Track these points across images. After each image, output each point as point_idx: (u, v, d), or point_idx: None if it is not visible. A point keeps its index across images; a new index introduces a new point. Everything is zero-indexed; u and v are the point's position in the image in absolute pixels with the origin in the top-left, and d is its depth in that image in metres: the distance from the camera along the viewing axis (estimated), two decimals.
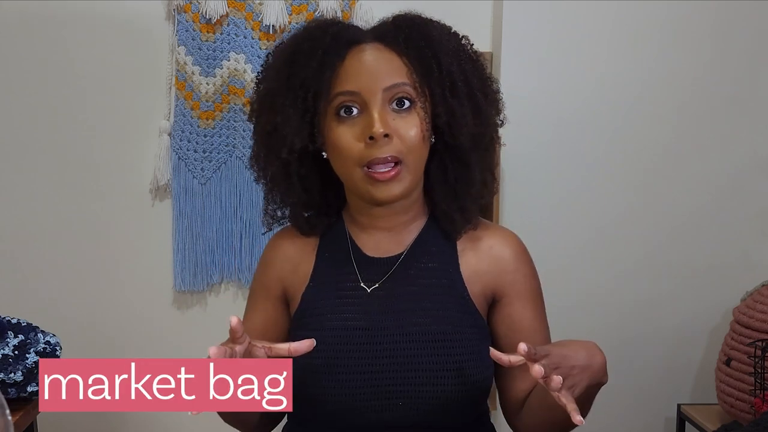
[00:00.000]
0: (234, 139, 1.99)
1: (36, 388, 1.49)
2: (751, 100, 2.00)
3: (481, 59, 1.22)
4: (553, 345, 1.02)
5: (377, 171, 1.10)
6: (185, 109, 1.97)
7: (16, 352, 1.48)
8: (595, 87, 1.97)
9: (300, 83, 1.13)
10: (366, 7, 1.95)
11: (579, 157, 1.99)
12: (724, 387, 1.76)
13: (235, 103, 1.97)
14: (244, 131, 1.97)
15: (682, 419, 1.93)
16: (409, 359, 1.12)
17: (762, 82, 2.00)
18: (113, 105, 1.98)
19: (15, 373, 1.45)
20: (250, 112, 1.23)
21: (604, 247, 2.02)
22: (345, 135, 1.12)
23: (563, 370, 0.96)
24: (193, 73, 1.95)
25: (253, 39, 1.96)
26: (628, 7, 1.95)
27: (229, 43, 1.95)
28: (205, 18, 1.94)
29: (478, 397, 1.16)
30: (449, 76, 1.13)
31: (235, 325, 0.96)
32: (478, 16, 1.99)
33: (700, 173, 2.01)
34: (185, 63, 1.95)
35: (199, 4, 1.93)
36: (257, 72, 1.24)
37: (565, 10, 1.94)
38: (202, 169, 1.99)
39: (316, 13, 1.95)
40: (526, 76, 1.95)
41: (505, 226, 1.33)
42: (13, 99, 1.97)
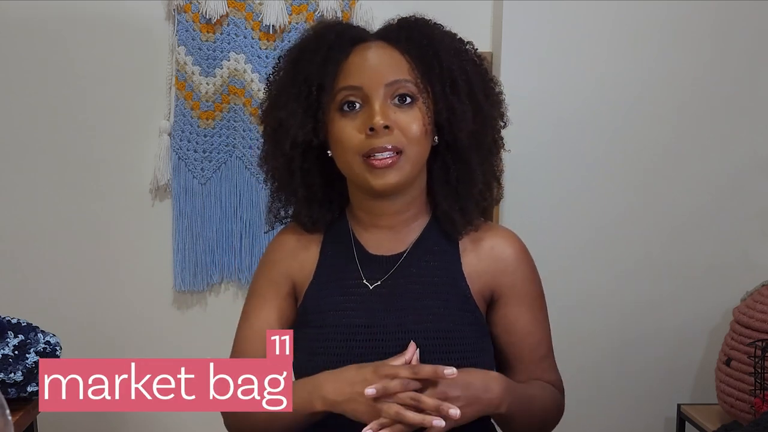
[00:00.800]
0: (234, 139, 1.99)
1: (36, 388, 1.49)
2: (751, 100, 2.00)
3: (484, 63, 1.24)
4: (460, 371, 1.06)
5: (376, 158, 1.12)
6: (185, 109, 1.97)
7: (16, 352, 1.48)
8: (595, 87, 1.97)
9: (304, 78, 1.17)
10: (366, 7, 1.95)
11: (579, 157, 1.99)
12: (724, 387, 1.76)
13: (235, 103, 1.97)
14: (244, 131, 1.97)
15: (682, 419, 1.93)
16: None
17: (762, 82, 2.00)
18: (113, 105, 1.98)
19: (15, 373, 1.45)
20: (260, 115, 1.27)
21: (604, 247, 2.02)
22: (347, 127, 1.14)
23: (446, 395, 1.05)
24: (193, 73, 1.95)
25: (253, 39, 1.96)
26: (628, 7, 1.95)
27: (229, 43, 1.95)
28: (205, 18, 1.94)
29: None
30: (450, 73, 1.16)
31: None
32: (478, 16, 1.99)
33: (700, 173, 2.01)
34: (185, 63, 1.95)
35: (199, 4, 1.93)
36: (264, 78, 1.27)
37: (565, 10, 1.94)
38: (202, 169, 1.99)
39: (316, 13, 1.95)
40: (526, 76, 1.95)
41: (505, 226, 1.33)
42: (13, 99, 1.97)
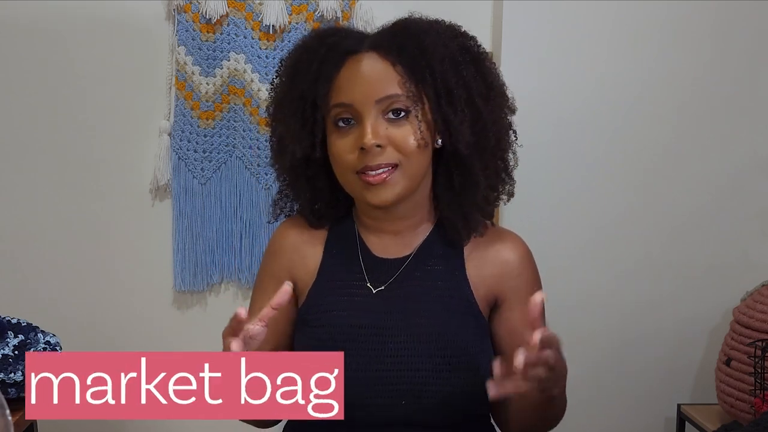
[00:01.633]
0: (234, 139, 1.99)
1: None
2: (751, 100, 2.00)
3: (487, 61, 1.21)
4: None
5: (370, 175, 1.12)
6: (185, 109, 1.97)
7: (16, 352, 1.48)
8: (595, 87, 1.97)
9: (299, 95, 1.17)
10: (366, 7, 1.95)
11: (579, 157, 1.99)
12: (724, 387, 1.76)
13: (235, 103, 1.97)
14: (244, 131, 1.97)
15: (682, 419, 1.93)
16: (412, 359, 1.13)
17: (762, 82, 2.00)
18: (113, 105, 1.98)
19: (15, 373, 1.45)
20: (268, 114, 1.28)
21: (604, 247, 2.02)
22: (340, 145, 1.14)
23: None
24: (193, 73, 1.95)
25: (253, 39, 1.96)
26: (628, 7, 1.95)
27: (229, 43, 1.95)
28: (205, 18, 1.94)
29: (480, 398, 1.17)
30: (444, 83, 1.14)
31: (243, 317, 0.94)
32: (478, 16, 1.99)
33: (700, 173, 2.01)
34: (185, 63, 1.95)
35: (199, 4, 1.93)
36: (264, 78, 1.28)
37: (565, 10, 1.94)
38: (202, 169, 1.99)
39: (316, 13, 1.95)
40: (526, 76, 1.95)
41: (505, 226, 1.33)
42: (13, 99, 1.97)
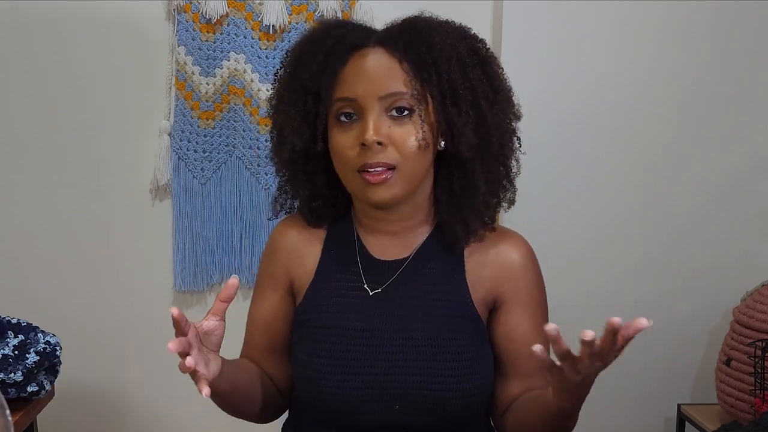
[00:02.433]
0: (234, 139, 1.99)
1: (36, 388, 1.49)
2: (751, 100, 2.00)
3: (495, 64, 1.19)
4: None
5: (369, 173, 1.10)
6: (185, 109, 1.97)
7: (16, 352, 1.48)
8: (595, 87, 1.97)
9: (301, 86, 1.15)
10: (366, 7, 1.95)
11: (579, 157, 1.99)
12: (724, 387, 1.76)
13: (235, 103, 1.97)
14: (244, 131, 1.97)
15: (682, 419, 1.93)
16: (408, 363, 1.12)
17: (762, 82, 2.00)
18: (113, 105, 1.98)
19: (15, 373, 1.45)
20: (270, 107, 1.26)
21: (604, 247, 2.02)
22: (342, 140, 1.13)
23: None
24: (193, 73, 1.95)
25: (253, 39, 1.96)
26: (628, 7, 1.95)
27: (229, 43, 1.95)
28: (205, 18, 1.94)
29: (477, 402, 1.16)
30: (450, 84, 1.12)
31: (177, 315, 0.98)
32: (478, 16, 1.98)
33: (701, 173, 2.01)
34: (185, 63, 1.95)
35: (199, 4, 1.93)
36: (264, 77, 1.27)
37: (565, 10, 1.94)
38: (202, 169, 1.99)
39: (316, 13, 1.95)
40: (526, 76, 1.94)
41: (505, 226, 1.33)
42: (13, 99, 1.97)
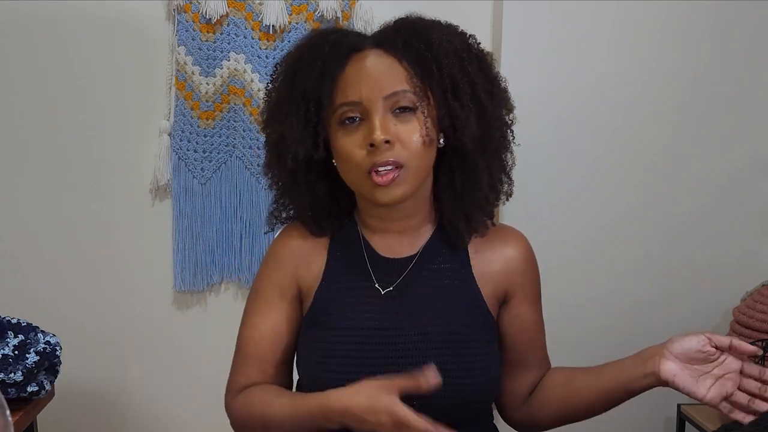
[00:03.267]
0: (234, 139, 1.99)
1: (36, 388, 1.49)
2: (751, 100, 2.00)
3: (488, 59, 1.21)
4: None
5: (379, 174, 1.11)
6: (185, 109, 1.97)
7: (16, 352, 1.48)
8: (595, 87, 1.97)
9: (302, 94, 1.15)
10: (366, 7, 1.95)
11: (579, 157, 1.99)
12: None
13: (235, 103, 1.97)
14: (244, 131, 1.97)
15: (682, 419, 1.93)
16: (423, 359, 1.12)
17: (762, 82, 2.00)
18: (113, 105, 1.98)
19: (15, 373, 1.45)
20: (261, 121, 1.25)
21: (604, 247, 2.02)
22: (348, 143, 1.13)
23: None
24: (193, 73, 1.95)
25: (253, 39, 1.96)
26: (628, 7, 1.95)
27: (229, 43, 1.95)
28: (205, 18, 1.94)
29: (487, 396, 1.20)
30: (450, 78, 1.13)
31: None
32: (478, 16, 1.99)
33: (700, 173, 2.01)
34: (185, 63, 1.95)
35: (199, 4, 1.93)
36: (264, 79, 1.26)
37: (565, 10, 1.94)
38: (202, 169, 1.99)
39: (316, 13, 1.95)
40: (526, 76, 1.95)
41: (511, 226, 1.33)
42: (13, 99, 1.97)
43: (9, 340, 1.50)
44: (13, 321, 1.56)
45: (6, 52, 1.95)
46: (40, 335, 1.54)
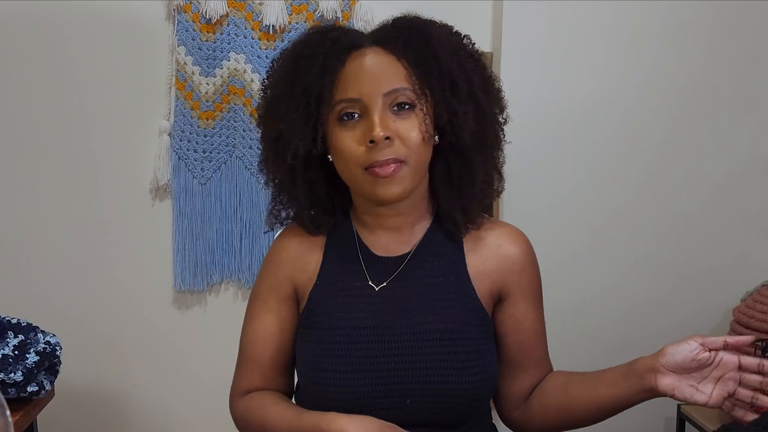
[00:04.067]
0: (234, 139, 1.99)
1: (36, 388, 1.49)
2: (751, 101, 2.00)
3: (482, 58, 1.22)
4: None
5: (378, 168, 1.11)
6: (185, 109, 1.97)
7: (16, 352, 1.48)
8: (595, 87, 1.97)
9: (302, 90, 1.15)
10: (366, 7, 1.95)
11: (579, 157, 1.99)
12: None
13: (235, 103, 1.97)
14: (244, 131, 1.97)
15: (682, 419, 1.93)
16: (416, 357, 1.13)
17: (762, 82, 2.00)
18: (113, 105, 1.99)
19: (15, 373, 1.45)
20: (257, 118, 1.25)
21: (603, 247, 2.02)
22: (347, 139, 1.13)
23: None
24: (193, 73, 1.95)
25: (253, 39, 1.96)
26: (627, 8, 1.95)
27: (229, 43, 1.95)
28: (205, 18, 1.94)
29: (484, 394, 1.18)
30: (449, 75, 1.14)
31: None
32: (478, 16, 1.99)
33: (700, 173, 2.01)
34: (185, 63, 1.95)
35: (199, 4, 1.93)
36: (263, 78, 1.25)
37: (565, 10, 1.94)
38: (202, 169, 1.99)
39: (316, 13, 1.95)
40: (526, 76, 1.95)
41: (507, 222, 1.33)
42: (13, 99, 1.97)
43: (9, 340, 1.50)
44: (13, 321, 1.56)
45: (6, 52, 1.95)
46: (40, 335, 1.54)
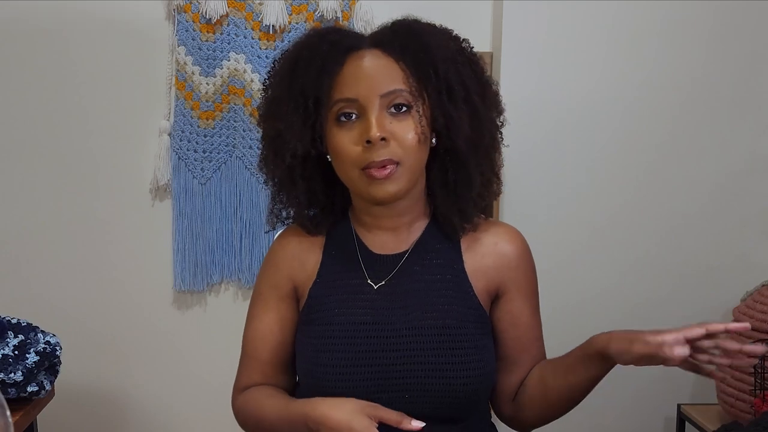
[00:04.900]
0: (234, 139, 1.99)
1: (36, 388, 1.49)
2: (751, 100, 2.00)
3: (480, 62, 1.23)
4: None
5: (374, 169, 1.12)
6: (185, 109, 1.97)
7: (16, 352, 1.48)
8: (595, 87, 1.97)
9: (301, 90, 1.17)
10: (366, 7, 1.95)
11: (578, 157, 1.99)
12: (724, 387, 1.76)
13: (235, 103, 1.97)
14: (244, 131, 1.97)
15: (682, 419, 1.93)
16: (415, 353, 1.14)
17: (762, 82, 2.00)
18: (113, 105, 1.99)
19: (15, 373, 1.45)
20: (258, 117, 1.27)
21: (603, 247, 2.02)
22: (344, 139, 1.15)
23: None
24: (193, 73, 1.95)
25: (253, 39, 1.96)
26: (627, 8, 1.95)
27: (229, 43, 1.95)
28: (205, 18, 1.94)
29: (483, 389, 1.19)
30: (446, 80, 1.15)
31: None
32: (478, 16, 1.99)
33: (700, 173, 2.01)
34: (185, 63, 1.95)
35: (199, 4, 1.93)
36: (263, 78, 1.27)
37: (565, 10, 1.94)
38: (202, 169, 1.99)
39: (316, 13, 1.95)
40: (526, 76, 1.95)
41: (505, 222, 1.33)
42: (13, 99, 1.97)
43: (9, 340, 1.50)
44: (13, 321, 1.56)
45: (6, 52, 1.95)
46: (40, 335, 1.54)
